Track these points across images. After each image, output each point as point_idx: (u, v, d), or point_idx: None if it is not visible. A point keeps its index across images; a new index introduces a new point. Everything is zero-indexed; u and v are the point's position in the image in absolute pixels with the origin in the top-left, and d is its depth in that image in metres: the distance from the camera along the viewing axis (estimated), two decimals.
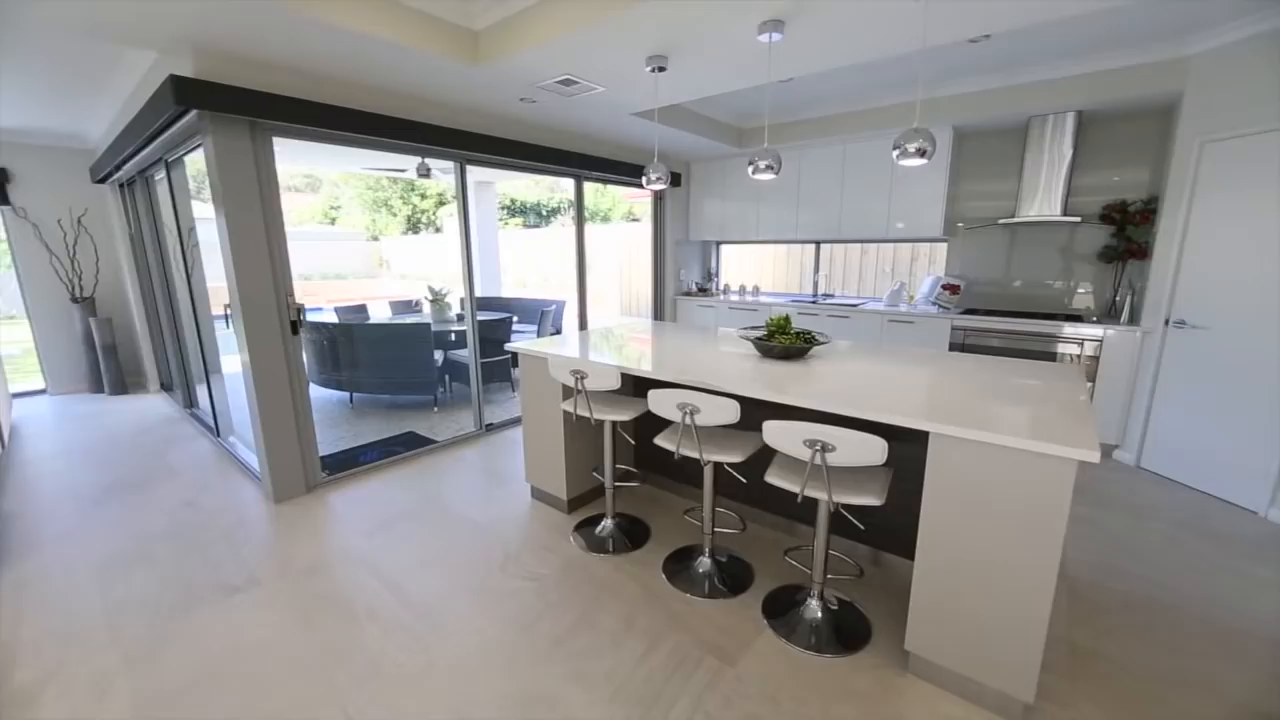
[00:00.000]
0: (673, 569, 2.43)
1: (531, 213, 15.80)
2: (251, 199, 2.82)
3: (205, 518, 2.93)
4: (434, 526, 2.83)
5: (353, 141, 3.23)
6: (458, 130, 3.61)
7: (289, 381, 3.05)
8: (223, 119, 2.70)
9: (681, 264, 6.12)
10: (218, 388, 4.07)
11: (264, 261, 2.90)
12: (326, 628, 2.08)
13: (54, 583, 2.36)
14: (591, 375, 2.39)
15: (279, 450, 3.05)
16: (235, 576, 2.41)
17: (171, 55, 2.72)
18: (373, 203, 16.69)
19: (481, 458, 3.75)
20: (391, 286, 13.85)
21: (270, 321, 2.95)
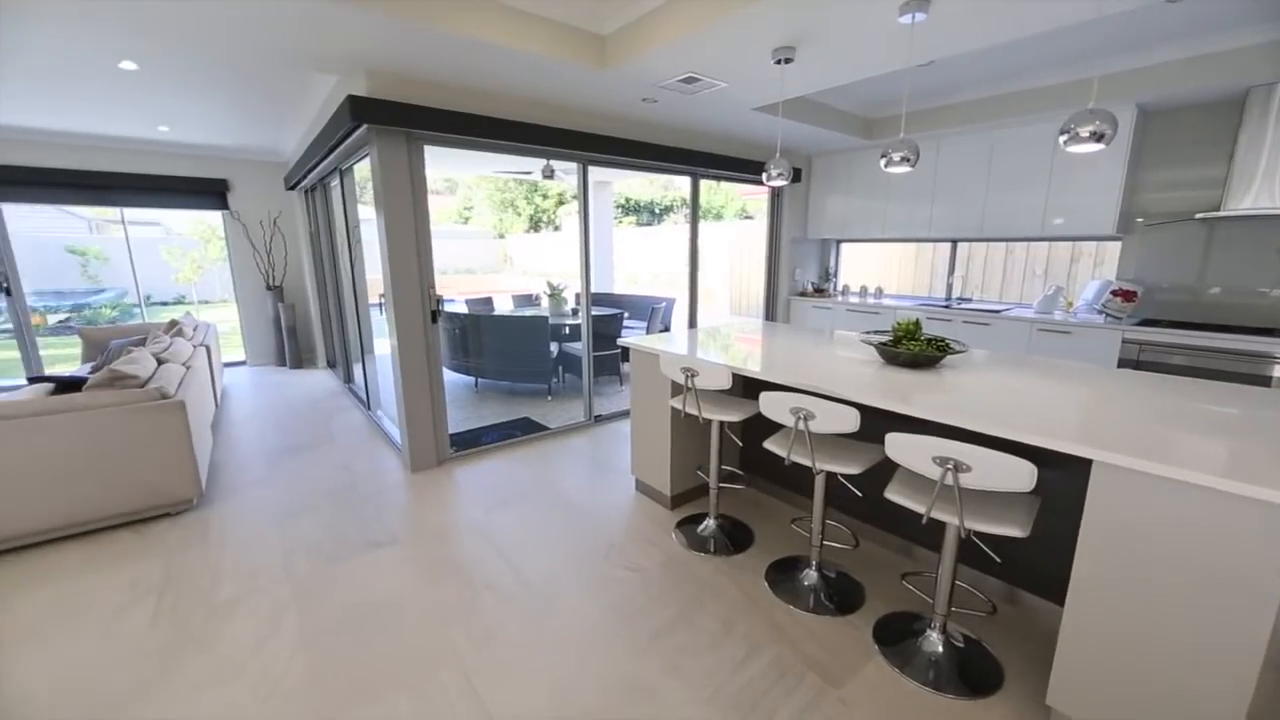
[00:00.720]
0: (776, 578, 2.35)
1: (645, 211, 16.10)
2: (405, 201, 3.18)
3: (357, 480, 3.36)
4: (545, 509, 3.00)
5: (489, 147, 3.50)
6: (581, 133, 3.78)
7: (427, 365, 3.40)
8: (385, 131, 3.06)
9: (797, 263, 5.89)
10: (370, 367, 4.66)
11: (412, 257, 3.25)
12: (450, 590, 2.29)
13: (247, 522, 2.86)
14: (702, 374, 2.39)
15: (417, 425, 3.42)
16: (379, 534, 2.74)
17: (349, 78, 3.14)
18: (500, 203, 18.04)
19: (590, 447, 3.90)
20: (514, 281, 14.89)
21: (415, 311, 3.30)
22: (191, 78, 3.56)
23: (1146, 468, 1.32)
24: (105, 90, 3.77)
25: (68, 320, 9.97)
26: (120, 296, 10.90)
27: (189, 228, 11.05)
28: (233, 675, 1.83)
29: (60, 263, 10.78)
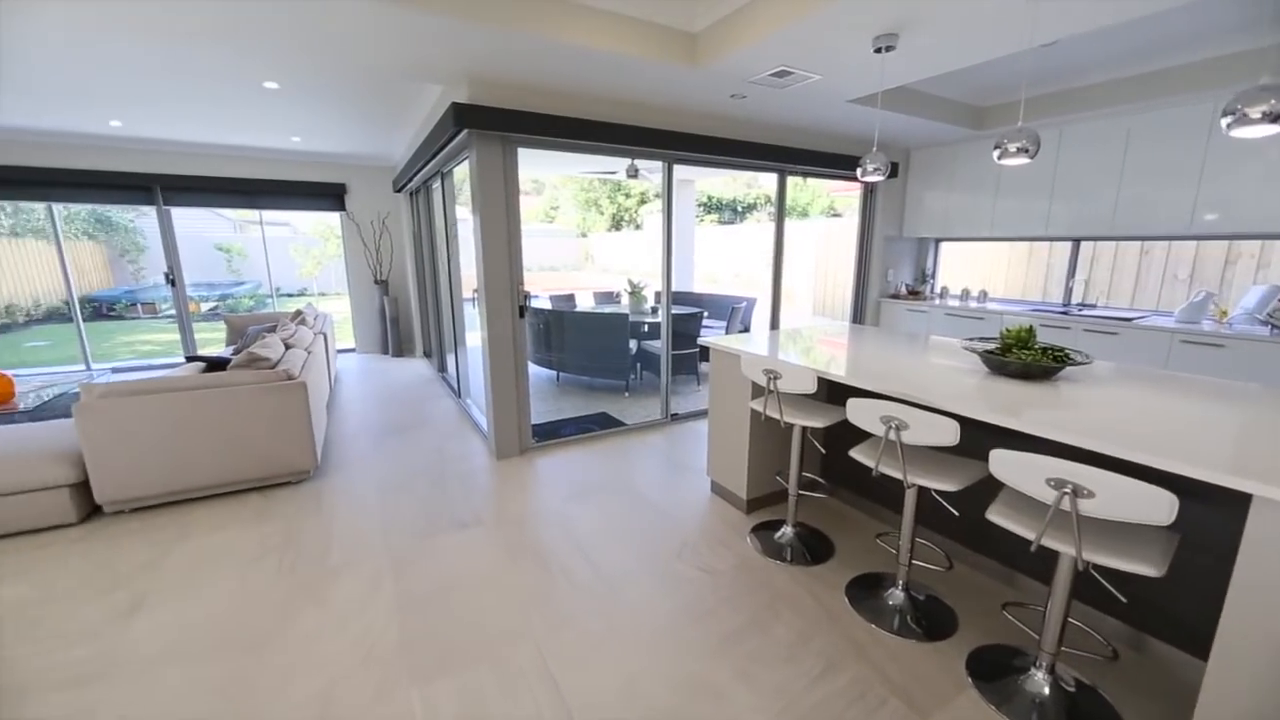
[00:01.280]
0: (857, 594, 2.24)
1: (727, 209, 15.89)
2: (499, 202, 3.34)
3: (447, 463, 3.59)
4: (620, 503, 3.04)
5: (577, 147, 3.60)
6: (667, 131, 3.78)
7: (514, 357, 3.56)
8: (484, 135, 3.23)
9: (890, 263, 5.55)
10: (461, 358, 4.96)
11: (503, 255, 3.42)
12: (528, 574, 2.39)
13: (354, 494, 3.14)
14: (785, 376, 2.32)
15: (502, 415, 3.59)
16: (466, 515, 2.91)
17: (454, 86, 3.35)
18: (584, 202, 18.52)
19: (665, 445, 3.92)
20: (594, 279, 15.24)
21: (504, 305, 3.47)
22: (322, 93, 3.96)
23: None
24: (251, 106, 4.28)
25: (215, 308, 11.46)
26: (256, 288, 12.37)
27: (311, 227, 12.34)
28: (338, 632, 2.03)
29: (210, 258, 12.43)
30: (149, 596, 2.23)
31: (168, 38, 2.67)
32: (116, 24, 2.51)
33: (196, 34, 2.61)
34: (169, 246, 6.30)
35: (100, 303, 11.10)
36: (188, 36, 2.66)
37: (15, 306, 10.18)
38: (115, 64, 3.36)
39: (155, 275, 11.32)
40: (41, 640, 1.98)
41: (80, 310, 6.70)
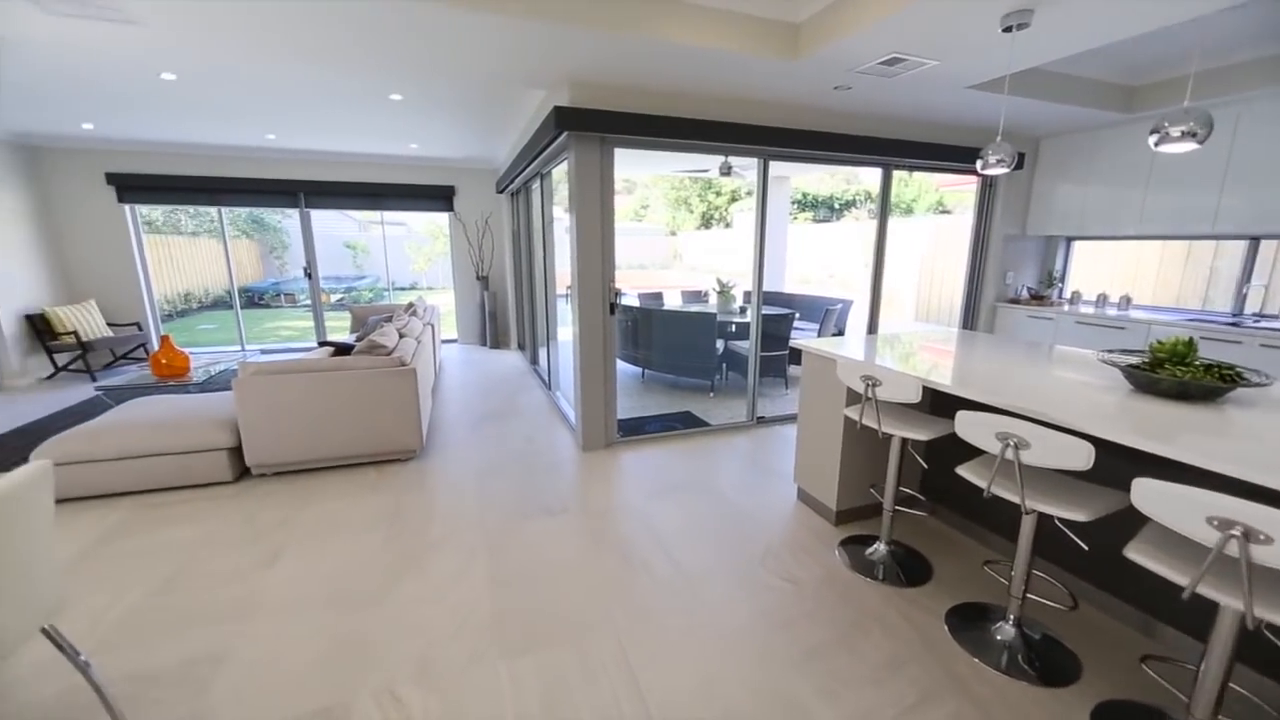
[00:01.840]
0: (958, 624, 2.06)
1: (823, 206, 15.22)
2: (594, 201, 3.43)
3: (537, 451, 3.76)
4: (702, 503, 3.02)
5: (672, 146, 3.61)
6: (763, 127, 3.68)
7: (603, 353, 3.65)
8: (583, 137, 3.34)
9: (1009, 264, 5.04)
10: (553, 351, 5.16)
11: (597, 253, 3.51)
12: (610, 565, 2.44)
13: (453, 474, 3.38)
14: (886, 383, 2.18)
15: (590, 409, 3.70)
16: (553, 502, 3.03)
17: (556, 90, 3.49)
18: (674, 201, 18.57)
19: (751, 448, 3.83)
20: (682, 277, 15.24)
21: (596, 302, 3.56)
22: (439, 103, 4.29)
23: None
24: (379, 116, 4.73)
25: (341, 299, 12.81)
26: (374, 282, 13.67)
27: (423, 227, 13.43)
28: (436, 600, 2.19)
29: (339, 255, 13.91)
30: (284, 550, 2.54)
31: (317, 60, 3.01)
32: (278, 51, 2.86)
33: (338, 58, 2.92)
34: (308, 244, 7.13)
35: (253, 293, 12.82)
36: (332, 60, 2.98)
37: (192, 295, 12.01)
38: (272, 86, 3.85)
39: (295, 270, 12.86)
40: (203, 578, 2.32)
41: (238, 299, 7.79)
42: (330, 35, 2.66)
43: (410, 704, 1.70)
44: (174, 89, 3.94)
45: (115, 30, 2.56)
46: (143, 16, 2.43)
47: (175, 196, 6.57)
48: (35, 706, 1.68)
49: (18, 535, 1.30)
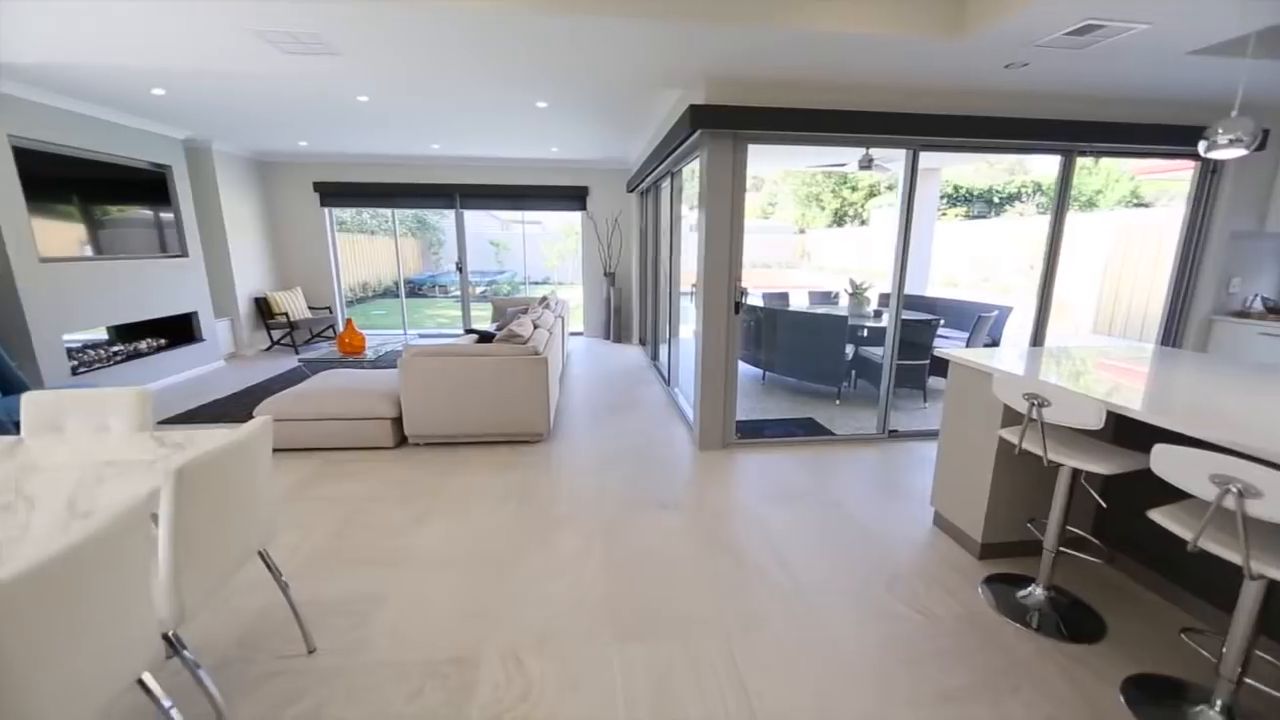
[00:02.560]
0: (1140, 697, 1.73)
1: (979, 201, 13.59)
2: (725, 199, 3.40)
3: (654, 446, 3.83)
4: (823, 515, 2.87)
5: (810, 140, 3.45)
6: (914, 115, 3.37)
7: (725, 352, 3.61)
8: (716, 134, 3.31)
9: (1236, 268, 4.10)
10: (674, 348, 5.21)
11: (724, 251, 3.47)
12: (722, 566, 2.41)
13: (576, 460, 3.57)
14: (1057, 404, 1.89)
15: (708, 407, 3.68)
16: (668, 497, 3.07)
17: (691, 89, 3.50)
18: (804, 198, 17.77)
19: (880, 463, 3.56)
20: (809, 277, 14.56)
21: (720, 301, 3.53)
22: (579, 108, 4.53)
23: None
24: (526, 121, 5.11)
25: (484, 292, 14.10)
26: (513, 276, 14.86)
27: (557, 225, 14.29)
28: (558, 575, 2.33)
29: (484, 251, 15.32)
30: (432, 512, 2.87)
31: (482, 76, 3.32)
32: (452, 71, 3.21)
33: (500, 72, 3.20)
34: (460, 241, 7.95)
35: (414, 284, 14.61)
36: (494, 75, 3.26)
37: (368, 284, 14.00)
38: (441, 102, 4.34)
39: (448, 264, 14.43)
40: (367, 528, 2.70)
41: (403, 289, 8.93)
42: (498, 52, 2.91)
43: (530, 669, 1.82)
44: (366, 109, 4.61)
45: (324, 62, 3.05)
46: (343, 49, 2.87)
47: (362, 200, 7.70)
48: (246, 612, 2.07)
49: (248, 475, 1.61)
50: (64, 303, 4.39)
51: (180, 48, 2.85)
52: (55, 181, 4.38)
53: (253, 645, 1.92)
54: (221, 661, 1.84)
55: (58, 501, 1.41)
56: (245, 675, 1.78)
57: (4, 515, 1.33)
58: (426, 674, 1.80)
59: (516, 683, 1.77)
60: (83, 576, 1.02)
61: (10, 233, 3.97)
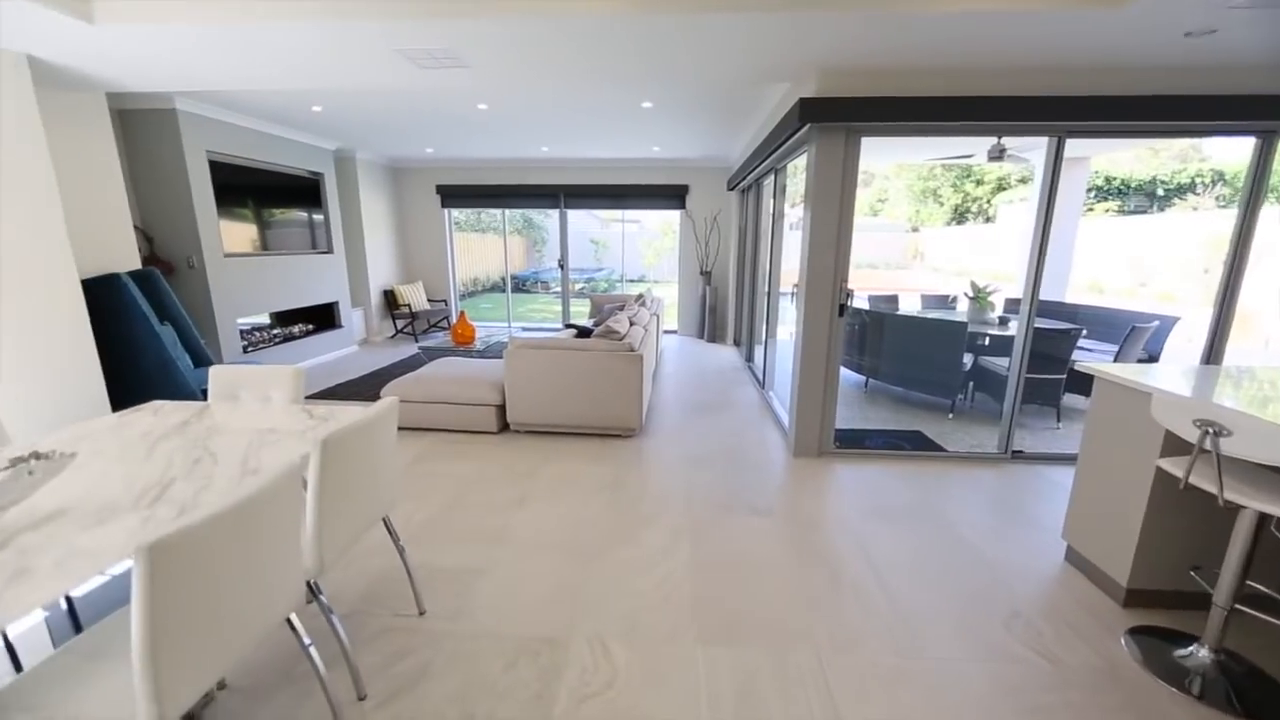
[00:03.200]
0: None
1: (1136, 194, 11.79)
2: (833, 196, 3.24)
3: (745, 449, 3.75)
4: (931, 537, 2.65)
5: (933, 130, 3.19)
6: (1058, 98, 2.99)
7: (826, 357, 3.44)
8: (826, 128, 3.16)
9: None
10: (770, 350, 5.07)
11: (830, 250, 3.31)
12: (815, 578, 2.31)
13: (665, 457, 3.59)
14: (1240, 434, 1.59)
15: (805, 413, 3.54)
16: (759, 501, 2.99)
17: (800, 82, 3.37)
18: (920, 193, 16.46)
19: (999, 486, 3.22)
20: (922, 279, 13.49)
21: (823, 303, 3.37)
22: (683, 106, 4.54)
23: None
24: (630, 122, 5.21)
25: (582, 288, 14.61)
26: (610, 274, 15.25)
27: (655, 223, 14.44)
28: (646, 569, 2.36)
29: (584, 249, 15.87)
30: (530, 496, 3.02)
31: (594, 80, 3.43)
32: (568, 76, 3.35)
33: (611, 75, 3.28)
34: (563, 240, 8.29)
35: (519, 280, 15.48)
36: (606, 77, 3.35)
37: (477, 279, 15.05)
38: (554, 106, 4.55)
39: (550, 261, 15.10)
40: (472, 506, 2.91)
41: (509, 284, 9.48)
42: (609, 55, 2.98)
43: (616, 658, 1.86)
44: (486, 116, 4.94)
45: (454, 75, 3.30)
46: (471, 62, 3.09)
47: (477, 201, 8.29)
48: (367, 573, 2.31)
49: (377, 447, 1.79)
50: (239, 291, 5.17)
51: (336, 69, 3.22)
52: (235, 188, 5.16)
53: (373, 601, 2.14)
54: (347, 613, 2.07)
55: (234, 459, 1.66)
56: (365, 627, 1.99)
57: (196, 467, 1.59)
58: (520, 648, 1.90)
59: (603, 669, 1.81)
60: (253, 523, 1.19)
61: (206, 232, 4.74)
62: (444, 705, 1.67)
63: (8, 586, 1.04)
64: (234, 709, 1.65)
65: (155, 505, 1.36)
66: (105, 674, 1.16)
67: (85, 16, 2.53)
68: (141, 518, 1.30)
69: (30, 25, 2.59)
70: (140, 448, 1.75)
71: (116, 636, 1.28)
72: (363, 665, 1.80)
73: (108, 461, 1.64)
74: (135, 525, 1.26)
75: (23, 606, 0.99)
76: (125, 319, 3.70)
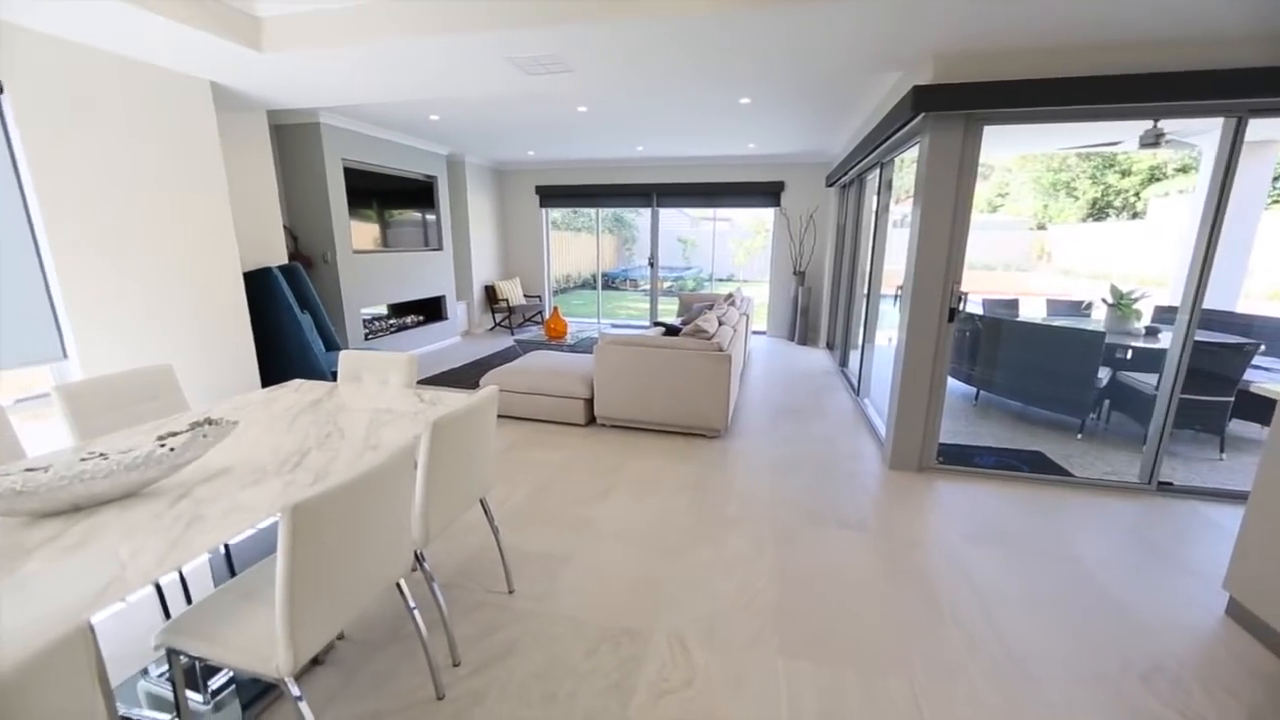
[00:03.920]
0: None
1: None
2: (948, 190, 2.99)
3: (837, 458, 3.57)
4: (1051, 571, 2.37)
5: (1074, 115, 2.84)
6: (1239, 70, 2.53)
7: (932, 365, 3.19)
8: (942, 117, 2.92)
9: None
10: (867, 355, 4.79)
11: (941, 250, 3.06)
12: (910, 602, 2.15)
13: (751, 461, 3.51)
14: None
15: (905, 424, 3.30)
16: (849, 514, 2.84)
17: (914, 70, 3.14)
18: (1049, 186, 14.74)
19: (1141, 521, 2.81)
20: (1049, 281, 12.09)
21: (932, 306, 3.13)
22: (783, 100, 4.40)
23: None
24: (727, 119, 5.14)
25: (670, 287, 14.67)
26: (698, 273, 15.17)
27: (746, 222, 14.15)
28: (727, 572, 2.32)
29: (672, 248, 15.91)
30: (615, 489, 3.09)
31: (698, 78, 3.42)
32: (673, 74, 3.37)
33: (714, 72, 3.25)
34: (654, 238, 8.36)
35: (608, 277, 15.85)
36: (709, 75, 3.34)
37: (569, 276, 15.60)
38: (652, 106, 4.59)
39: (640, 260, 15.31)
40: (560, 494, 3.02)
41: (600, 281, 9.73)
42: (709, 52, 2.96)
43: (696, 658, 1.85)
44: (585, 118, 5.10)
45: (558, 79, 3.44)
46: (575, 66, 3.19)
47: (573, 201, 8.58)
48: (463, 549, 2.48)
49: (479, 432, 1.91)
50: (363, 284, 5.75)
51: (455, 79, 3.47)
52: (362, 191, 5.73)
53: (467, 576, 2.29)
54: (445, 584, 2.23)
55: (357, 435, 1.85)
56: (461, 600, 2.14)
57: (327, 440, 1.79)
58: (602, 636, 1.95)
59: (681, 667, 1.81)
60: (376, 493, 1.32)
61: (339, 231, 5.32)
62: (529, 681, 1.75)
63: (188, 529, 1.23)
64: (350, 658, 1.84)
65: (295, 471, 1.55)
66: (253, 613, 1.34)
67: (255, 46, 2.92)
68: (284, 481, 1.48)
69: (212, 56, 3.04)
70: (284, 420, 2.00)
71: (263, 582, 1.48)
72: (457, 634, 1.93)
73: (259, 430, 1.89)
74: (280, 487, 1.44)
75: (199, 548, 1.17)
76: (274, 307, 4.24)
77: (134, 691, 1.70)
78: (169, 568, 1.09)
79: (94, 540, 1.18)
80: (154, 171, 3.22)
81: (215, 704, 1.67)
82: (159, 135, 3.23)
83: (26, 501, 1.21)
